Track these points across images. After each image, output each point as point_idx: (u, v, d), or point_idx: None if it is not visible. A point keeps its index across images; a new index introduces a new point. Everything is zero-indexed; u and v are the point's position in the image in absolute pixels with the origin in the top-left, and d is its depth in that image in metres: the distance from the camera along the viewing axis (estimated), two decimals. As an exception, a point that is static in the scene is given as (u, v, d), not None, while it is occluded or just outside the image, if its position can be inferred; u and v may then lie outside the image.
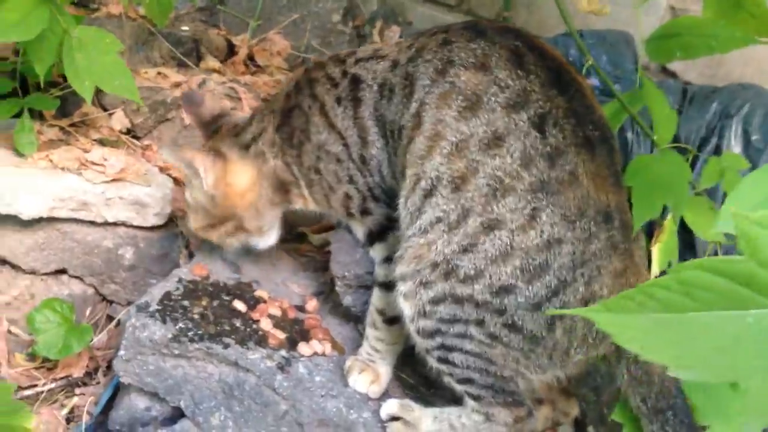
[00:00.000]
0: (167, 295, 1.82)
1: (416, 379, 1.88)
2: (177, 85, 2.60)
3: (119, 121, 2.48)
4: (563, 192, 1.42)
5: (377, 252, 1.78)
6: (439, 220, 1.50)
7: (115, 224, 2.16)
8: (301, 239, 2.26)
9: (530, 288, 1.43)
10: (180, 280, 1.88)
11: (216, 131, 1.88)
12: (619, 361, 1.47)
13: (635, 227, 1.45)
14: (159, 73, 2.67)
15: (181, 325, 1.76)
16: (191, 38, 2.95)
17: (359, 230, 1.80)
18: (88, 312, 2.23)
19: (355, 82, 1.69)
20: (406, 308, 1.56)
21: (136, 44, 2.71)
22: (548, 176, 1.42)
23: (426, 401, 1.72)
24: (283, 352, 1.78)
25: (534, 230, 1.42)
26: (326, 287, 2.06)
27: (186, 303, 1.82)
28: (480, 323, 1.48)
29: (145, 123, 2.50)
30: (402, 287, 1.55)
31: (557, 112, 1.46)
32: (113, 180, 2.17)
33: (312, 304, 1.99)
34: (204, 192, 1.79)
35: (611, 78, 1.90)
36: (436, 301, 1.51)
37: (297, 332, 1.87)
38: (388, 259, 1.71)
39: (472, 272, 1.46)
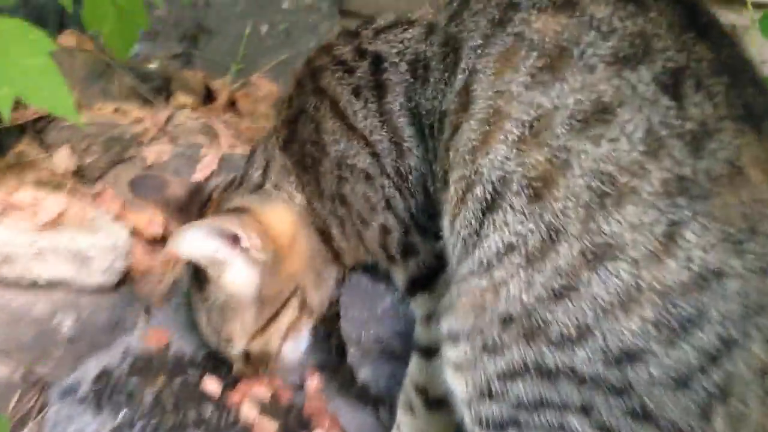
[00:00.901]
0: (106, 373, 1.31)
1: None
2: (138, 120, 2.15)
3: (63, 160, 2.02)
4: (719, 194, 0.92)
5: (419, 306, 1.30)
6: (510, 248, 0.99)
7: (49, 285, 1.70)
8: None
9: (671, 353, 0.92)
10: (126, 352, 1.36)
11: (205, 204, 1.41)
12: None
13: None
14: (116, 110, 2.23)
15: (125, 413, 1.27)
16: (161, 75, 2.51)
17: (400, 277, 1.32)
18: (14, 401, 1.70)
19: (377, 62, 1.22)
20: (459, 385, 1.06)
21: (90, 75, 2.27)
22: (693, 170, 0.93)
23: None
24: None
25: (674, 259, 0.92)
26: (332, 358, 1.57)
27: (134, 382, 1.33)
28: (586, 410, 0.98)
29: (96, 163, 2.05)
30: (451, 353, 1.05)
31: (699, 67, 0.96)
32: (46, 226, 1.69)
33: (313, 381, 1.51)
34: (254, 267, 1.30)
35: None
36: (509, 376, 1.01)
37: (294, 421, 1.40)
38: (433, 317, 1.25)
39: (573, 331, 0.95)
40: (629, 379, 0.94)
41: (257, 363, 1.36)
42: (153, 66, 2.62)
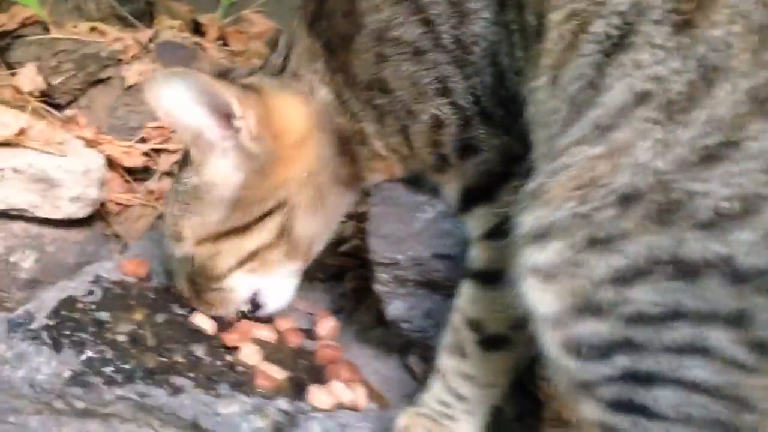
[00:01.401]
0: (68, 303, 1.03)
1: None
2: (117, 39, 1.88)
3: (29, 79, 1.81)
4: None
5: (477, 222, 1.03)
6: (643, 99, 0.73)
7: (6, 214, 1.46)
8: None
9: None
10: (97, 280, 1.10)
11: None
12: None
13: None
14: (93, 29, 1.99)
15: (90, 353, 0.99)
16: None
17: (453, 187, 1.05)
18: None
19: None
20: (546, 301, 0.78)
21: (62, -10, 2.02)
22: None
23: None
24: (283, 403, 1.02)
25: None
26: (348, 300, 1.30)
27: (104, 316, 1.04)
28: (739, 321, 0.71)
29: (67, 84, 1.82)
30: (537, 257, 0.78)
31: None
32: (4, 145, 1.45)
33: (327, 324, 1.24)
34: (241, 158, 1.06)
35: None
36: (627, 279, 0.74)
37: (305, 370, 1.12)
38: (495, 234, 0.98)
39: (735, 205, 0.69)
40: None
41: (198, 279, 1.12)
42: (134, -12, 2.35)
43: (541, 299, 0.78)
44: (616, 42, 0.76)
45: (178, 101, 1.01)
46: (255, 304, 1.14)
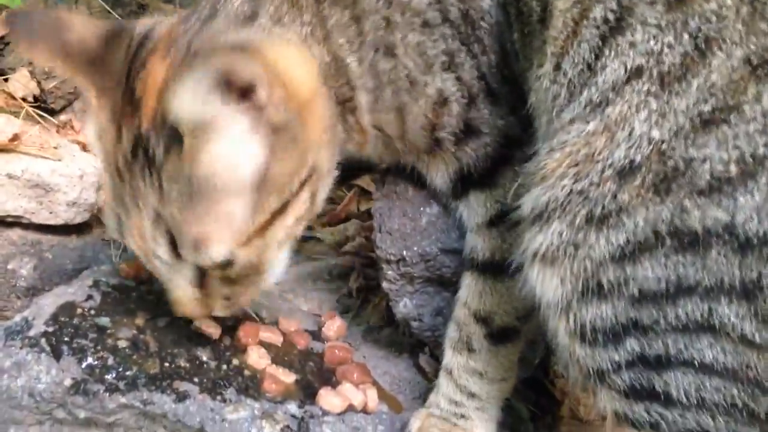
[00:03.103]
0: (67, 309, 1.01)
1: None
2: (111, 42, 1.84)
3: (22, 84, 1.76)
4: None
5: (476, 206, 1.00)
6: (637, 73, 0.74)
7: (3, 222, 1.44)
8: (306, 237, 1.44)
9: None
10: (96, 285, 1.06)
11: (141, 51, 0.94)
12: None
13: None
14: None
15: (91, 361, 0.97)
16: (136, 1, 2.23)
17: (442, 172, 1.02)
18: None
19: None
20: (550, 286, 0.78)
21: (53, -6, 1.99)
22: None
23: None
24: (293, 407, 1.00)
25: None
26: (354, 300, 1.28)
27: (104, 322, 1.01)
28: (749, 294, 0.70)
29: (61, 89, 1.79)
30: (538, 240, 0.78)
31: None
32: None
33: (334, 325, 1.22)
34: (260, 135, 0.88)
35: None
36: (630, 256, 0.74)
37: (314, 372, 1.10)
38: (498, 221, 0.97)
39: (733, 168, 0.70)
40: None
41: (235, 285, 0.96)
42: (127, -9, 2.33)
43: (546, 285, 0.78)
44: (613, 25, 0.76)
45: (198, 95, 0.82)
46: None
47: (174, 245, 0.91)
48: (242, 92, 0.84)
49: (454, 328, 1.03)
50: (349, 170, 1.07)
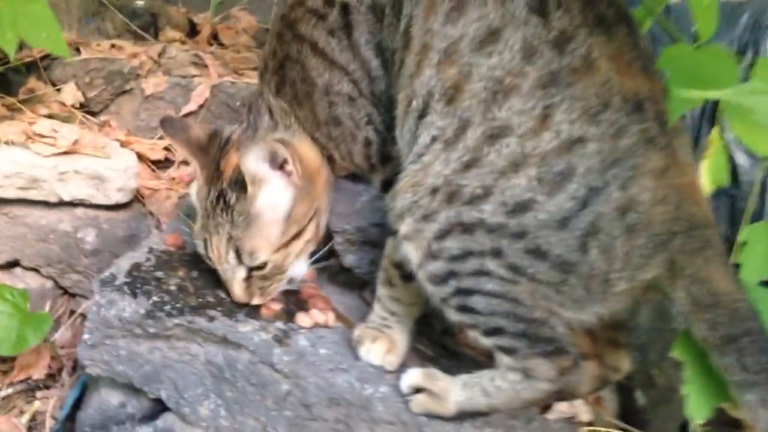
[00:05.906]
0: (136, 267, 1.54)
1: (435, 350, 1.63)
2: (134, 55, 2.32)
3: (71, 94, 2.22)
4: (578, 81, 1.22)
5: (390, 200, 1.52)
6: (434, 139, 1.30)
7: (72, 204, 1.90)
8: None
9: (552, 201, 1.21)
10: (151, 251, 1.59)
11: (226, 146, 1.56)
12: (674, 285, 1.22)
13: (671, 118, 1.22)
14: (113, 46, 2.40)
15: (155, 298, 1.49)
16: (148, 11, 2.67)
17: (377, 180, 1.58)
18: (47, 308, 1.94)
19: (344, 8, 1.47)
20: (412, 252, 1.32)
21: (85, 15, 2.43)
22: (558, 66, 1.22)
23: (449, 374, 1.44)
24: (280, 324, 1.51)
25: (548, 131, 1.22)
26: (321, 257, 1.78)
27: (159, 274, 1.54)
28: (497, 253, 1.25)
29: (100, 96, 2.25)
30: (403, 227, 1.33)
31: None
32: (66, 153, 1.89)
33: (308, 273, 1.70)
34: (290, 189, 1.49)
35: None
36: (442, 236, 1.28)
37: (293, 303, 1.60)
38: None
39: (479, 190, 1.25)
40: (524, 225, 1.24)
41: (262, 280, 1.51)
42: (140, 3, 2.74)
43: (408, 252, 1.33)
44: (421, 112, 1.32)
45: (258, 158, 1.42)
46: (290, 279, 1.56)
47: (238, 254, 1.46)
48: (280, 164, 1.45)
49: (382, 271, 1.52)
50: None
